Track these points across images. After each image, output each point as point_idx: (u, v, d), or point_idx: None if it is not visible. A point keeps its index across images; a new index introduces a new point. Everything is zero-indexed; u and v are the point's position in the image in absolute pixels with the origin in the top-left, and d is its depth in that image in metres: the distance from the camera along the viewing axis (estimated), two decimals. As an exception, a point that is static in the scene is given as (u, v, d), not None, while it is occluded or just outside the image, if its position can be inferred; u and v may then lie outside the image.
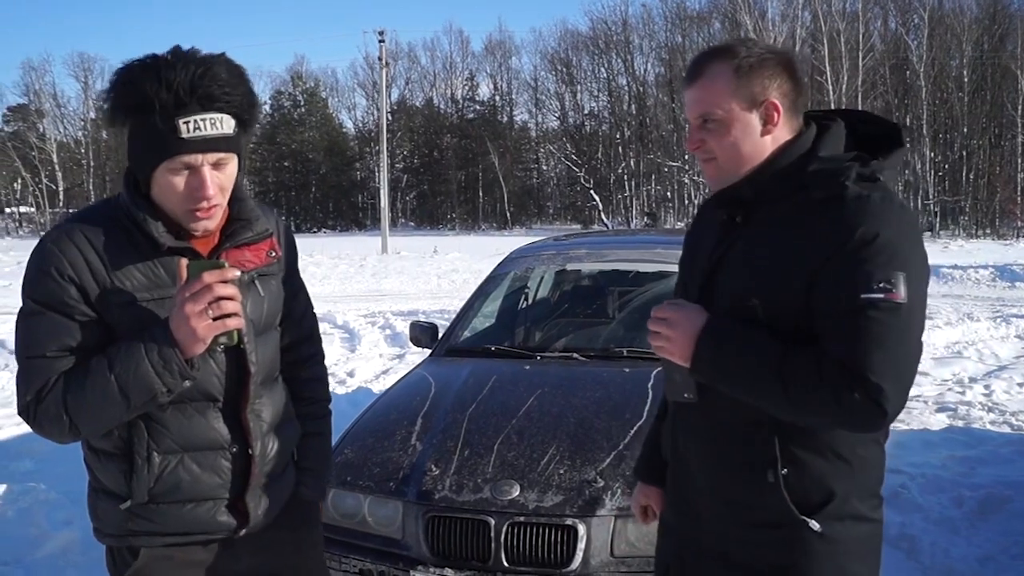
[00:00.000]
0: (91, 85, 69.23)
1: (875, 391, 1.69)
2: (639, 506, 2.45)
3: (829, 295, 1.76)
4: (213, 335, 1.85)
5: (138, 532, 2.03)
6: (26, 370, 1.93)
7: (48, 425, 1.91)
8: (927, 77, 52.24)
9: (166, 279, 1.95)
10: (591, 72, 68.93)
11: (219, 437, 2.05)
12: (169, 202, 1.92)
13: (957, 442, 6.66)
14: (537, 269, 5.84)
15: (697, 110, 1.94)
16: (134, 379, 1.84)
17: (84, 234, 1.93)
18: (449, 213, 69.94)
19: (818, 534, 1.87)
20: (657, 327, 1.93)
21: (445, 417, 3.84)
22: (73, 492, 5.61)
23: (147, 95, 1.83)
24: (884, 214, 1.76)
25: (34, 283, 1.93)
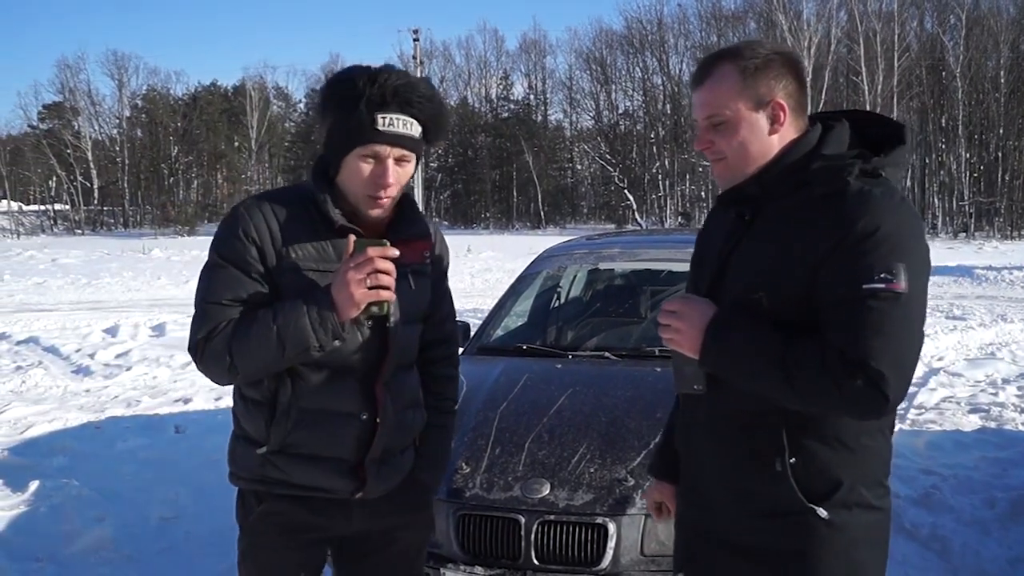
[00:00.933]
0: (125, 83, 69.94)
1: (876, 377, 1.74)
2: (653, 503, 2.51)
3: (831, 285, 1.82)
4: (367, 302, 2.12)
5: (268, 479, 2.30)
6: (202, 313, 2.20)
7: (212, 362, 2.18)
8: (963, 78, 51.70)
9: (332, 256, 2.23)
10: (626, 71, 68.72)
11: (351, 404, 2.29)
12: (353, 185, 2.22)
13: (989, 443, 6.64)
14: (569, 268, 5.81)
15: (705, 111, 1.99)
16: (293, 331, 2.11)
17: (271, 206, 2.25)
18: (483, 212, 69.97)
19: (826, 521, 1.91)
20: (667, 320, 1.99)
21: (476, 415, 3.83)
22: (106, 489, 5.68)
23: (358, 88, 2.15)
24: (885, 207, 1.83)
25: (222, 240, 2.23)
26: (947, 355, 10.43)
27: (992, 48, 53.09)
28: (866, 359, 1.75)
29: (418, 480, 2.51)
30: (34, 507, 5.42)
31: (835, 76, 53.99)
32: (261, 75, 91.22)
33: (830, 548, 1.93)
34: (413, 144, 2.22)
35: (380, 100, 2.14)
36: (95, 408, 8.27)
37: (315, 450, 2.27)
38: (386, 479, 2.38)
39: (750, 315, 1.91)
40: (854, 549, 1.96)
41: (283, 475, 2.28)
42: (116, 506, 5.39)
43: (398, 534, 2.49)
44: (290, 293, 2.17)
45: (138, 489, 5.76)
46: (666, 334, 2.00)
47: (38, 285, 22.03)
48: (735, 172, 2.01)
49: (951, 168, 52.15)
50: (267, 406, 2.25)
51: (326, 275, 2.19)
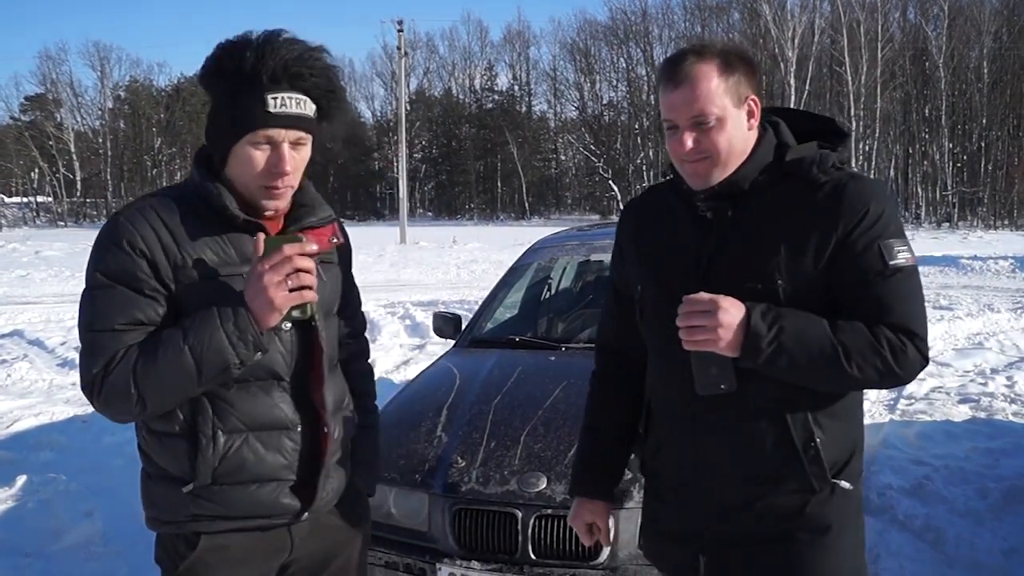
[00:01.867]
0: (107, 74, 69.75)
1: (921, 343, 1.89)
2: (584, 524, 2.39)
3: (859, 266, 1.90)
4: (290, 305, 1.90)
5: (200, 516, 2.02)
6: (92, 343, 1.92)
7: (114, 399, 1.90)
8: (946, 68, 52.06)
9: (235, 258, 1.99)
10: (610, 62, 68.87)
11: (284, 416, 2.06)
12: (246, 176, 1.97)
13: (980, 433, 6.65)
14: (561, 260, 5.79)
15: (691, 111, 1.95)
16: (208, 349, 1.86)
17: (156, 211, 1.96)
18: (467, 203, 69.99)
19: (844, 492, 2.00)
20: (698, 320, 1.87)
21: (471, 409, 3.80)
22: (93, 484, 5.63)
23: (243, 66, 1.90)
24: (882, 191, 1.98)
25: (104, 256, 1.94)
26: (935, 345, 10.43)
27: (975, 38, 53.45)
28: (910, 326, 1.88)
29: (357, 489, 2.34)
30: (21, 502, 5.37)
31: (819, 66, 54.24)
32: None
33: (848, 518, 2.03)
34: (309, 125, 1.98)
35: (270, 79, 1.90)
36: (82, 402, 8.17)
37: (251, 476, 2.02)
38: (331, 492, 2.19)
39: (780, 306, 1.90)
40: (859, 517, 2.09)
41: (221, 508, 2.01)
42: (104, 501, 5.33)
43: (340, 551, 2.30)
44: (195, 307, 1.91)
45: (126, 484, 5.64)
46: (699, 335, 1.87)
47: (21, 278, 21.86)
48: (717, 170, 1.99)
49: (934, 158, 52.48)
50: (185, 438, 1.98)
51: (233, 280, 1.96)
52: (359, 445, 2.35)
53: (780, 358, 1.86)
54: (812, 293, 1.92)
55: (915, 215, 51.07)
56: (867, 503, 5.01)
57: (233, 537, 2.05)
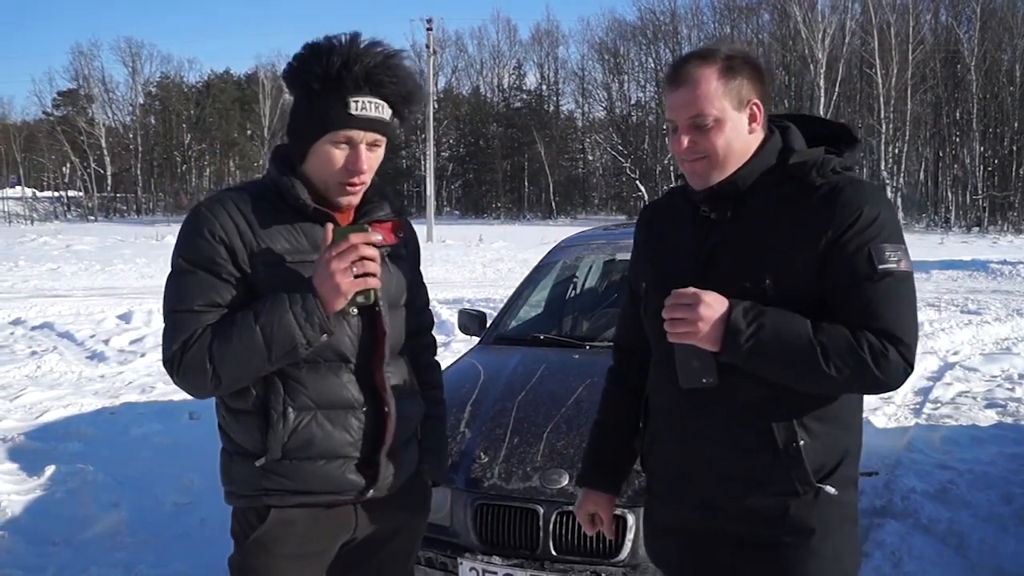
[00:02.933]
0: (139, 70, 70.39)
1: (906, 350, 1.88)
2: (586, 515, 2.46)
3: (848, 268, 1.91)
4: (354, 291, 2.02)
5: (271, 490, 2.14)
6: (173, 322, 2.06)
7: (191, 375, 2.02)
8: (978, 71, 51.44)
9: (306, 246, 2.12)
10: (638, 62, 68.49)
11: (350, 396, 2.17)
12: (324, 173, 2.11)
13: (1006, 439, 6.61)
14: (586, 259, 5.79)
15: (690, 111, 2.01)
16: (278, 330, 1.99)
17: (234, 202, 2.11)
18: (494, 202, 69.98)
19: (831, 498, 2.00)
20: (681, 313, 1.93)
21: (494, 405, 3.82)
22: (121, 474, 5.70)
23: (329, 70, 2.03)
24: (879, 196, 1.98)
25: (187, 244, 2.08)
26: (962, 350, 10.37)
27: (1007, 41, 52.85)
28: (894, 332, 1.87)
29: (425, 476, 2.45)
30: (50, 491, 5.45)
31: (849, 68, 53.80)
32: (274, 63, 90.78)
33: (836, 524, 2.02)
34: (385, 128, 2.13)
35: (353, 83, 2.04)
36: (110, 394, 8.31)
37: (318, 452, 2.14)
38: (395, 474, 2.27)
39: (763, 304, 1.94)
40: (850, 525, 2.08)
41: (290, 483, 2.13)
42: (131, 491, 5.41)
43: (397, 535, 2.38)
44: (268, 290, 2.05)
45: (153, 474, 5.77)
46: (680, 328, 1.93)
47: (52, 271, 22.13)
48: (715, 171, 2.04)
49: (965, 162, 51.90)
50: (258, 414, 2.12)
51: (303, 266, 2.09)
52: (426, 434, 2.47)
53: (758, 354, 1.90)
54: (801, 294, 1.94)
55: (944, 219, 50.56)
56: (891, 507, 5.01)
57: (301, 511, 2.17)
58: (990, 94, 52.06)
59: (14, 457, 6.18)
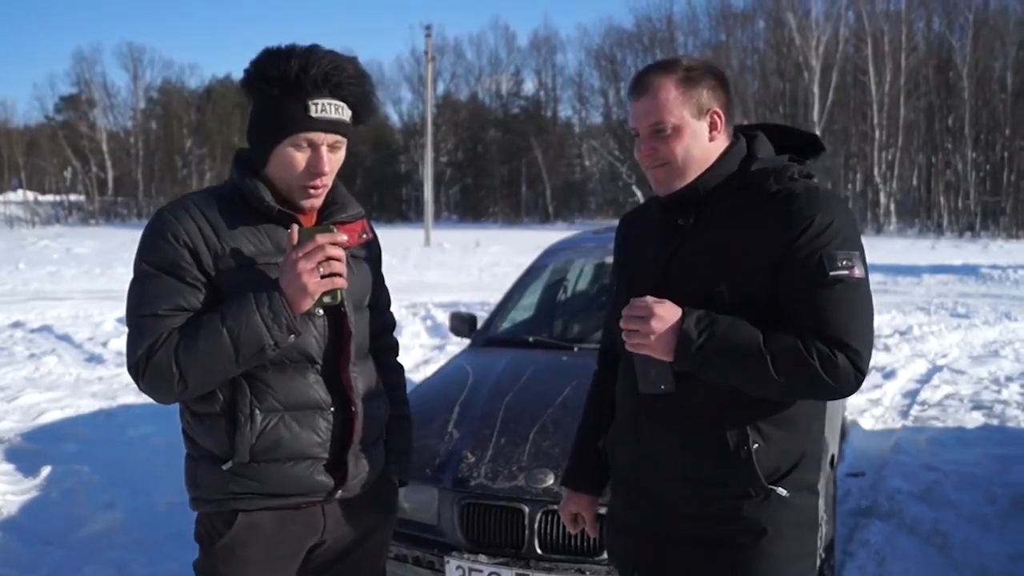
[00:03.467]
0: (140, 75, 70.38)
1: (855, 356, 1.91)
2: (569, 514, 2.52)
3: (799, 274, 1.94)
4: (321, 291, 2.03)
5: (239, 494, 2.13)
6: (138, 327, 2.05)
7: (157, 380, 2.03)
8: (970, 78, 51.49)
9: (271, 248, 2.13)
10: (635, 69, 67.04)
11: (318, 397, 2.18)
12: (286, 175, 2.12)
13: (992, 440, 6.67)
14: (576, 262, 5.84)
15: (650, 120, 2.07)
16: (245, 331, 2.00)
17: (197, 205, 2.12)
18: (492, 207, 69.97)
19: (783, 500, 2.04)
20: (634, 325, 1.99)
21: (482, 406, 3.88)
22: (116, 475, 5.74)
23: (288, 74, 2.05)
24: (834, 204, 2.00)
25: (150, 248, 2.09)
26: (951, 352, 10.42)
27: (999, 49, 52.91)
28: (843, 339, 1.90)
29: (389, 478, 2.44)
30: (45, 492, 5.49)
31: (842, 75, 53.84)
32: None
33: (789, 527, 2.06)
34: (345, 129, 2.14)
35: (312, 86, 2.05)
36: (107, 395, 8.35)
37: (287, 453, 2.14)
38: (363, 474, 2.28)
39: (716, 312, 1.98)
40: (805, 529, 2.12)
41: (258, 486, 2.13)
42: (126, 492, 5.45)
43: (367, 537, 2.38)
44: (233, 293, 2.05)
45: (148, 475, 5.80)
46: (634, 339, 2.00)
47: (52, 274, 22.14)
48: (676, 177, 2.09)
49: (957, 167, 51.93)
50: (225, 417, 2.11)
51: (269, 268, 2.10)
52: (392, 434, 2.47)
53: (709, 363, 1.95)
54: (755, 301, 1.98)
55: (937, 224, 50.54)
56: (876, 507, 5.07)
57: (268, 515, 2.16)
58: (982, 101, 52.09)
59: (11, 458, 6.22)
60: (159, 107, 71.17)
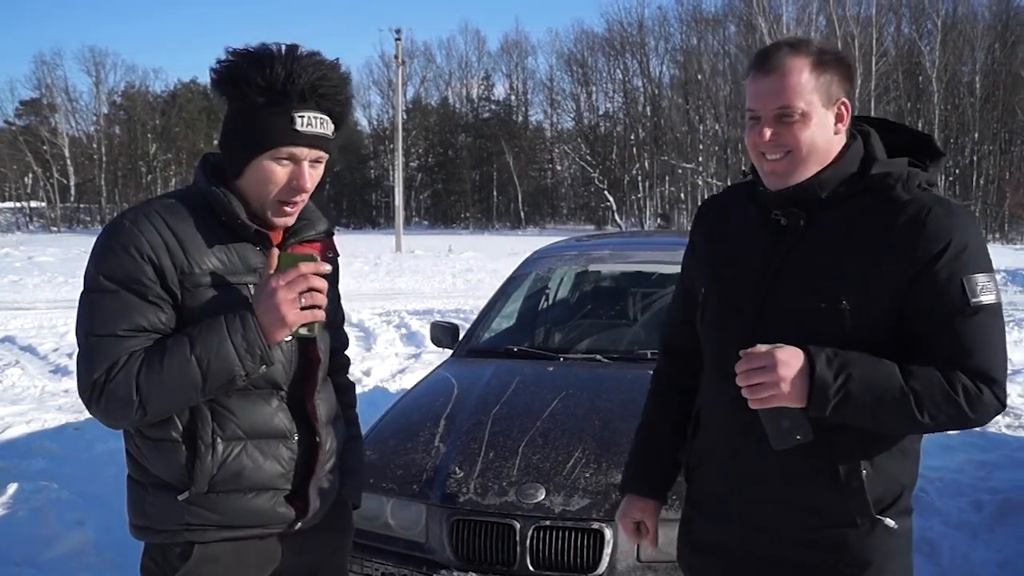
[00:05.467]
0: (103, 80, 69.72)
1: (1000, 389, 1.79)
2: (631, 522, 2.33)
3: (938, 301, 1.80)
4: (300, 323, 1.90)
5: (194, 526, 2.00)
6: (93, 348, 1.89)
7: (114, 406, 1.87)
8: (939, 82, 52.32)
9: (240, 267, 1.99)
10: (606, 73, 68.96)
11: (282, 425, 2.06)
12: (262, 190, 1.97)
13: (974, 446, 6.65)
14: (559, 270, 5.76)
15: (777, 102, 1.88)
16: (215, 361, 1.86)
17: (162, 216, 1.94)
18: (463, 212, 70.04)
19: (890, 530, 1.90)
20: (761, 377, 1.79)
21: (469, 419, 3.77)
22: (85, 492, 5.59)
23: (273, 82, 1.90)
24: (969, 221, 1.84)
25: (108, 261, 1.91)
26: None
27: (967, 54, 53.83)
28: (988, 372, 1.78)
29: (343, 500, 2.33)
30: (12, 510, 5.31)
31: (814, 79, 54.35)
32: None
33: (893, 556, 1.95)
34: (328, 144, 2.01)
35: (299, 97, 1.92)
36: (74, 409, 8.14)
37: (248, 484, 2.01)
38: (323, 503, 2.17)
39: (844, 349, 1.81)
40: (907, 555, 2.00)
41: (216, 517, 1.99)
42: (97, 510, 5.29)
43: (327, 562, 2.30)
44: (199, 316, 1.91)
45: (119, 492, 5.54)
46: (763, 392, 1.79)
47: (14, 283, 21.77)
48: (797, 169, 1.91)
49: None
50: (183, 445, 1.96)
51: (236, 289, 1.96)
52: (345, 455, 2.34)
53: (848, 407, 1.78)
54: (882, 321, 1.84)
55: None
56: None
57: (226, 547, 2.03)
58: (951, 105, 52.93)
59: (-25, 475, 6.02)
60: (123, 112, 70.62)
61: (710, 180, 59.10)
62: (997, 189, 52.20)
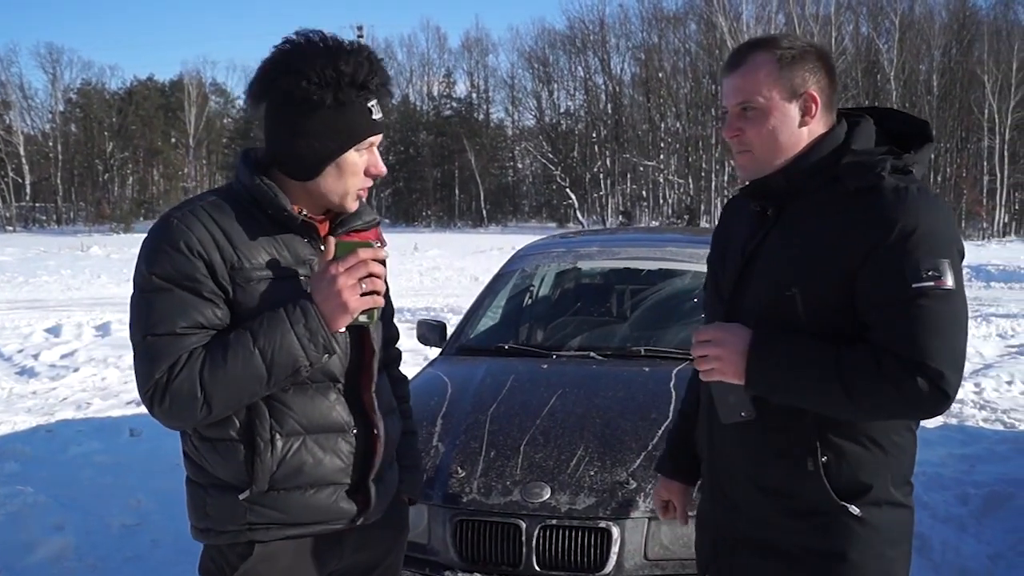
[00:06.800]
0: (59, 77, 68.66)
1: (937, 377, 1.74)
2: (660, 501, 2.50)
3: (878, 286, 1.80)
4: (361, 309, 1.92)
5: (256, 524, 1.98)
6: (152, 348, 1.86)
7: (179, 405, 1.85)
8: (897, 81, 52.93)
9: (289, 259, 1.99)
10: (568, 71, 69.04)
11: (340, 419, 2.04)
12: (347, 183, 2.00)
13: (954, 440, 6.75)
14: (547, 267, 5.71)
15: (738, 97, 1.97)
16: (279, 353, 1.85)
17: (208, 212, 1.94)
18: (425, 210, 69.75)
19: (858, 519, 1.91)
20: (704, 351, 1.93)
21: (466, 418, 3.72)
22: (63, 496, 5.48)
23: (358, 76, 1.92)
24: (923, 205, 1.81)
25: (159, 260, 1.89)
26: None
27: (925, 52, 54.49)
28: (925, 359, 1.74)
29: (401, 497, 2.32)
30: (-12, 515, 5.19)
31: (774, 77, 54.85)
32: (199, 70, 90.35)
33: (864, 546, 1.93)
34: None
35: (376, 87, 1.97)
36: (44, 411, 8.01)
37: (309, 480, 2.00)
38: (383, 498, 2.16)
39: (789, 330, 1.88)
40: (887, 547, 1.96)
41: (278, 515, 1.98)
42: (75, 513, 5.19)
43: (383, 559, 2.27)
44: (252, 309, 1.91)
45: (97, 495, 5.56)
46: (706, 365, 1.93)
47: (-24, 284, 21.41)
48: (762, 163, 1.97)
49: (885, 169, 53.44)
50: (242, 443, 1.95)
51: (289, 281, 1.96)
52: (402, 450, 2.34)
53: (778, 386, 1.87)
54: (834, 307, 1.86)
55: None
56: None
57: (286, 545, 2.02)
58: (909, 103, 53.53)
59: (-53, 479, 5.88)
60: (79, 109, 69.49)
61: (671, 178, 59.42)
62: (954, 187, 52.93)
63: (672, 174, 59.67)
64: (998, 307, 14.99)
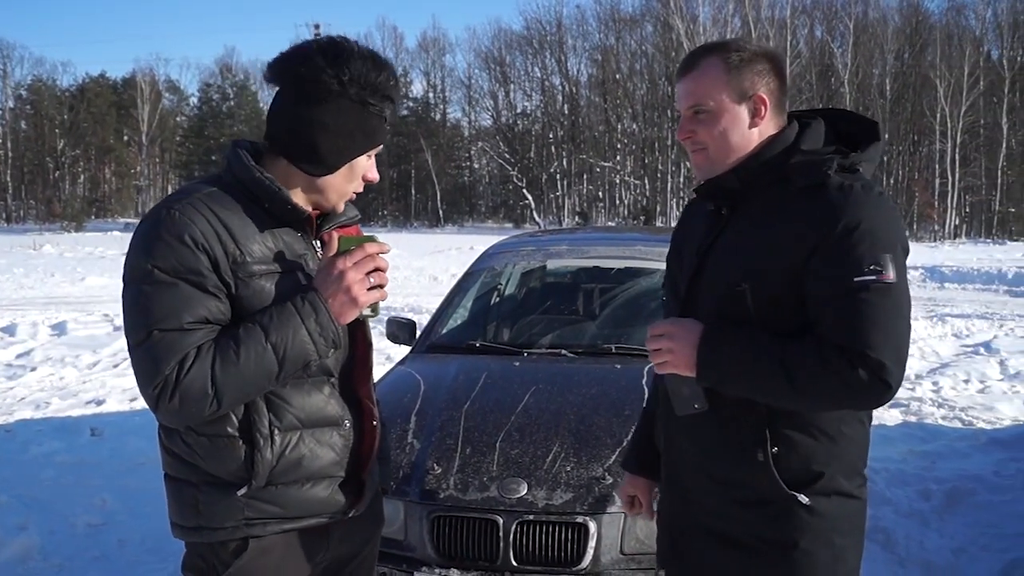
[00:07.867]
0: (9, 73, 67.58)
1: (878, 368, 1.79)
2: (626, 496, 2.51)
3: (821, 281, 1.86)
4: (370, 302, 1.95)
5: (254, 520, 1.97)
6: (158, 344, 1.81)
7: (189, 401, 1.81)
8: (851, 84, 53.67)
9: (287, 252, 1.99)
10: (524, 71, 69.26)
11: (335, 412, 2.05)
12: (351, 185, 2.05)
13: (914, 437, 6.87)
14: (517, 265, 5.72)
15: (690, 100, 2.03)
16: (292, 347, 1.86)
17: (208, 204, 1.90)
18: (381, 210, 69.50)
19: (807, 508, 1.95)
20: (657, 344, 1.99)
21: (440, 415, 3.74)
22: (25, 495, 5.41)
23: (383, 84, 1.97)
24: (865, 202, 1.87)
25: (160, 252, 1.83)
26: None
27: (878, 56, 55.29)
28: (866, 351, 1.80)
29: (379, 487, 2.32)
30: (-52, 517, 5.11)
31: (729, 80, 55.40)
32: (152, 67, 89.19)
33: (814, 535, 1.97)
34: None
35: (394, 94, 2.01)
36: (2, 411, 7.86)
37: (306, 474, 1.99)
38: (372, 490, 2.18)
39: (739, 324, 1.94)
40: (836, 535, 2.00)
41: (276, 510, 1.97)
42: (38, 514, 5.12)
43: (361, 549, 2.27)
44: (254, 303, 1.89)
45: (60, 495, 5.49)
46: (659, 358, 1.99)
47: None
48: (714, 163, 2.04)
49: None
50: (242, 438, 1.92)
51: (290, 276, 1.95)
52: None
53: (727, 379, 1.93)
54: (782, 302, 1.91)
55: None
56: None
57: (278, 539, 2.02)
58: (862, 107, 54.31)
59: (-96, 481, 5.77)
60: (29, 106, 68.44)
61: (628, 179, 59.74)
62: (906, 189, 53.77)
63: (628, 175, 60.03)
64: (952, 307, 15.29)
